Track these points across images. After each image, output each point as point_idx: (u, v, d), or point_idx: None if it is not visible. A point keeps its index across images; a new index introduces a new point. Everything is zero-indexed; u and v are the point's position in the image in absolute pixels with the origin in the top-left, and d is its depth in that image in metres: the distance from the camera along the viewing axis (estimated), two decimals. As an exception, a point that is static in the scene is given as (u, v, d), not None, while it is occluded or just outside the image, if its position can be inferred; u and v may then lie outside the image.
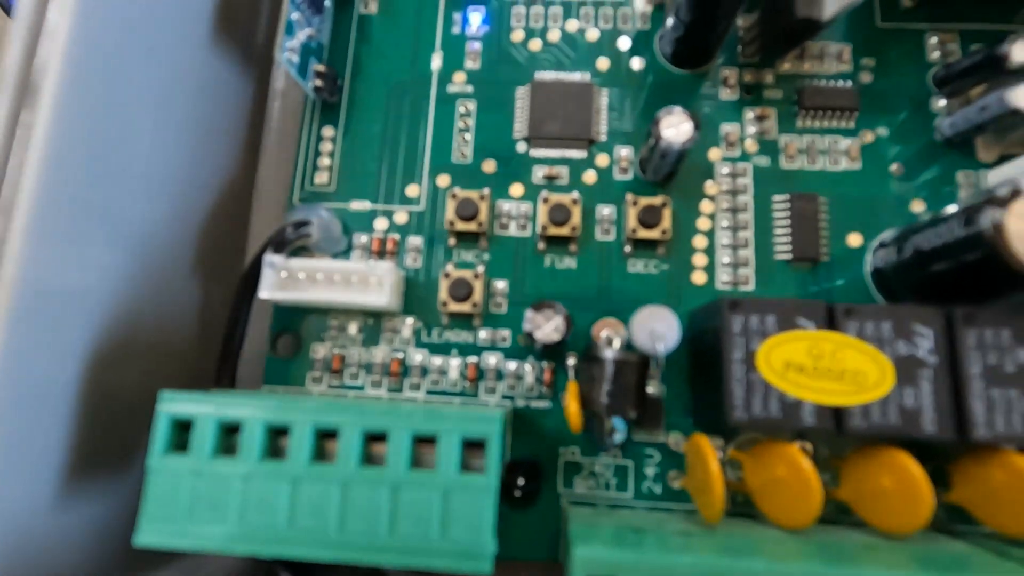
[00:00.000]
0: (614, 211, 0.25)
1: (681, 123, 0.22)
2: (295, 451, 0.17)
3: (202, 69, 0.25)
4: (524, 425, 0.23)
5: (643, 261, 0.24)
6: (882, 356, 0.19)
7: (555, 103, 0.26)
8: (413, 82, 0.27)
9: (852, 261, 0.24)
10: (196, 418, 0.17)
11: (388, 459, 0.17)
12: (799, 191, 0.25)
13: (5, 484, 0.17)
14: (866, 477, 0.20)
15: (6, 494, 0.17)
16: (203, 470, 0.17)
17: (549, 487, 0.23)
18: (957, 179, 0.24)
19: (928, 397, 0.19)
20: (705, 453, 0.19)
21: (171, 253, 0.24)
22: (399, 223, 0.25)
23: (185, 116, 0.24)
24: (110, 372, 0.21)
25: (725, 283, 0.24)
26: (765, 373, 0.19)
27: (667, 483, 0.23)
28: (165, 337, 0.23)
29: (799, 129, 0.25)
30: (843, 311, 0.19)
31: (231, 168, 0.27)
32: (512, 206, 0.25)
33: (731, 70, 0.26)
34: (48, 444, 0.18)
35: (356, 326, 0.25)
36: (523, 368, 0.24)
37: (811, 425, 0.19)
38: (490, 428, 0.17)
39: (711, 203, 0.25)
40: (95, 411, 0.20)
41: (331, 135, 0.27)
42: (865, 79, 0.25)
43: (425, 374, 0.24)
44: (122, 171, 0.21)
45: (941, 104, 0.25)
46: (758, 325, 0.19)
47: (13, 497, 0.17)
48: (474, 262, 0.25)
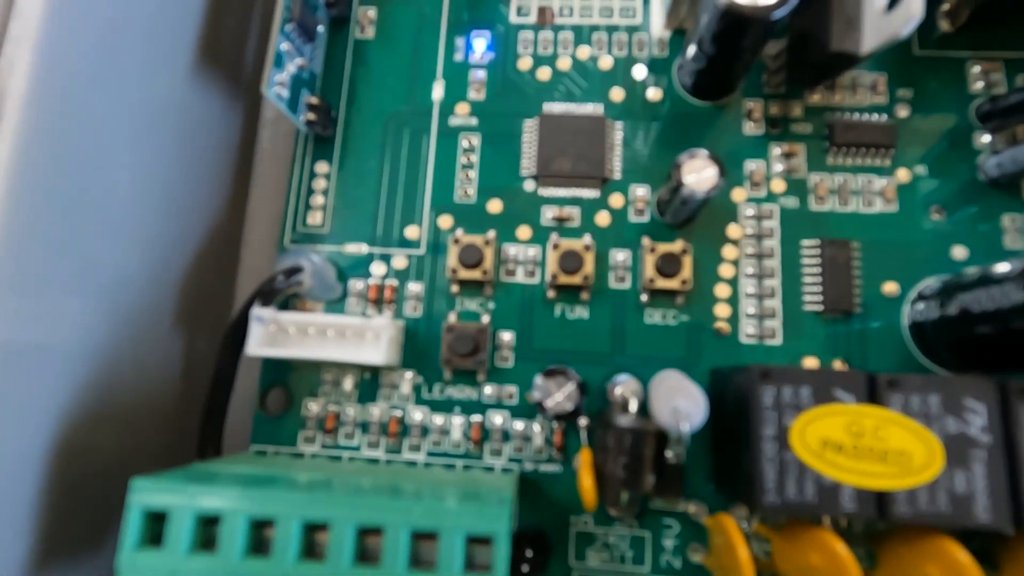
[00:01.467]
0: (629, 256, 0.23)
1: (705, 168, 0.20)
2: (281, 547, 0.15)
3: (185, 101, 0.23)
4: (532, 491, 0.22)
5: (661, 311, 0.23)
6: (930, 434, 0.17)
7: (565, 138, 0.24)
8: (413, 113, 0.25)
9: (888, 312, 0.22)
10: (171, 510, 0.16)
11: (384, 558, 0.15)
12: (830, 236, 0.23)
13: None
14: (908, 564, 0.18)
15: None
16: (179, 568, 0.15)
17: (559, 559, 0.21)
18: (1003, 223, 0.22)
19: (982, 481, 0.17)
20: (733, 539, 0.17)
21: (152, 302, 0.22)
22: (398, 268, 0.24)
23: (165, 152, 0.22)
24: (83, 436, 0.19)
25: (750, 336, 0.22)
26: (800, 452, 0.17)
27: (687, 556, 0.21)
28: (145, 395, 0.22)
29: (830, 167, 0.23)
30: (886, 382, 0.18)
31: (218, 208, 0.25)
32: (519, 250, 0.23)
33: (756, 102, 0.24)
34: (15, 525, 0.16)
35: (351, 381, 0.23)
36: (531, 429, 0.22)
37: (851, 511, 0.17)
38: (498, 525, 0.15)
39: (735, 248, 0.23)
40: (66, 482, 0.18)
41: (325, 171, 0.25)
42: (902, 113, 0.23)
43: (426, 434, 0.22)
44: (96, 213, 0.19)
45: (985, 140, 0.23)
46: (792, 397, 0.18)
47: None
48: (478, 311, 0.23)
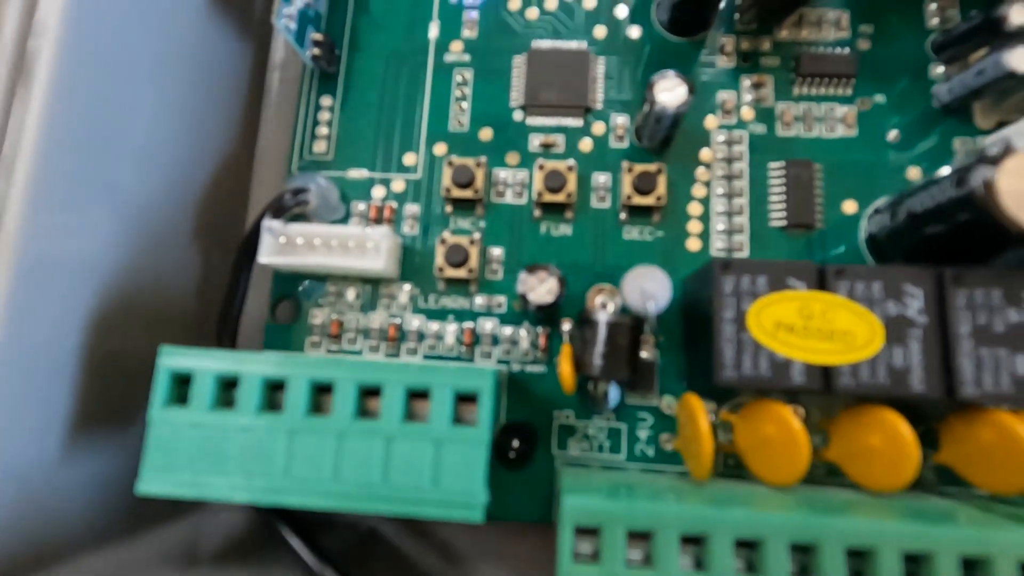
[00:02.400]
0: (610, 179, 0.25)
1: (675, 87, 0.22)
2: (292, 404, 0.18)
3: (200, 38, 0.25)
4: (519, 390, 0.24)
5: (638, 228, 0.25)
6: (872, 316, 0.19)
7: (552, 71, 0.26)
8: (410, 52, 0.27)
9: (847, 228, 0.24)
10: (195, 372, 0.18)
11: (382, 412, 0.17)
12: (795, 158, 0.25)
13: (12, 439, 0.17)
14: (854, 436, 0.20)
15: (13, 449, 0.17)
16: (202, 422, 0.18)
17: (544, 450, 0.23)
18: (954, 146, 0.24)
19: (917, 356, 0.19)
20: (695, 412, 0.20)
21: (171, 221, 0.24)
22: (396, 191, 0.26)
23: (183, 85, 0.24)
24: (112, 335, 0.21)
25: (720, 250, 0.24)
26: (755, 333, 0.19)
27: (660, 445, 0.23)
28: (166, 302, 0.24)
29: (796, 96, 0.25)
30: (834, 272, 0.20)
31: (230, 137, 0.27)
32: (508, 174, 0.25)
33: (728, 37, 0.26)
34: (52, 401, 0.18)
35: (354, 292, 0.25)
36: (518, 333, 0.24)
37: (800, 384, 0.19)
38: (482, 382, 0.17)
39: (706, 170, 0.25)
40: (98, 371, 0.20)
41: (329, 104, 0.27)
42: (863, 46, 0.25)
43: (422, 339, 0.24)
44: (121, 140, 0.21)
45: (939, 71, 0.25)
46: (749, 286, 0.20)
47: (20, 451, 0.17)
48: (470, 229, 0.25)
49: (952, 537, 0.15)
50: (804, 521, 0.16)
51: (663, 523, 0.16)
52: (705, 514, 0.16)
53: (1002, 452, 0.18)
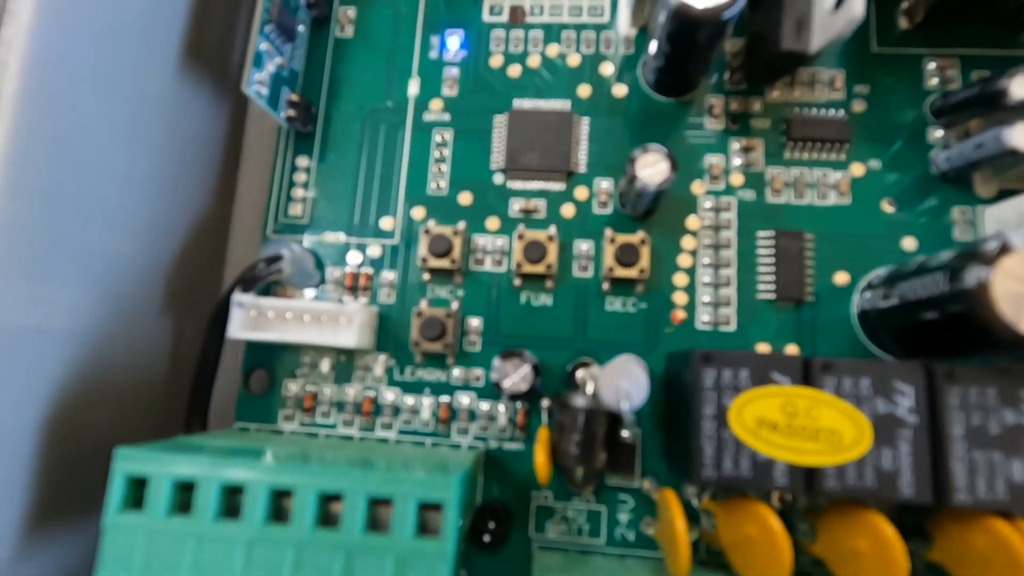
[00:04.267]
0: (592, 247, 0.24)
1: (657, 163, 0.21)
2: (249, 511, 0.17)
3: (173, 99, 0.24)
4: (496, 468, 0.23)
5: (621, 299, 0.24)
6: (860, 415, 0.18)
7: (533, 133, 0.25)
8: (389, 110, 0.26)
9: (838, 301, 0.23)
10: (151, 476, 0.17)
11: (343, 522, 0.17)
12: (785, 227, 0.24)
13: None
14: (841, 537, 0.19)
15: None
16: (158, 529, 0.17)
17: (520, 531, 0.23)
18: (952, 215, 0.23)
19: (907, 459, 0.18)
20: (672, 511, 0.19)
21: (142, 288, 0.24)
22: (373, 256, 0.25)
23: (157, 146, 0.24)
24: (77, 414, 0.20)
25: (705, 323, 0.23)
26: (736, 430, 0.18)
27: (640, 530, 0.22)
28: (136, 376, 0.23)
29: (787, 161, 0.24)
30: (820, 366, 0.19)
31: (206, 198, 0.27)
32: (488, 240, 0.25)
33: (717, 98, 0.25)
34: (9, 494, 0.18)
35: (328, 363, 0.24)
36: (496, 409, 0.23)
37: (783, 485, 0.18)
38: (448, 493, 0.17)
39: (693, 239, 0.24)
40: (59, 453, 0.20)
41: (305, 165, 0.26)
42: (858, 108, 0.24)
43: (397, 413, 0.24)
44: (90, 204, 0.21)
45: (938, 135, 0.24)
46: (731, 379, 0.19)
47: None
48: (448, 299, 0.24)
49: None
50: (781, 651, 0.15)
51: (633, 649, 0.15)
52: (677, 641, 0.15)
53: (995, 559, 0.18)
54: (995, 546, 0.17)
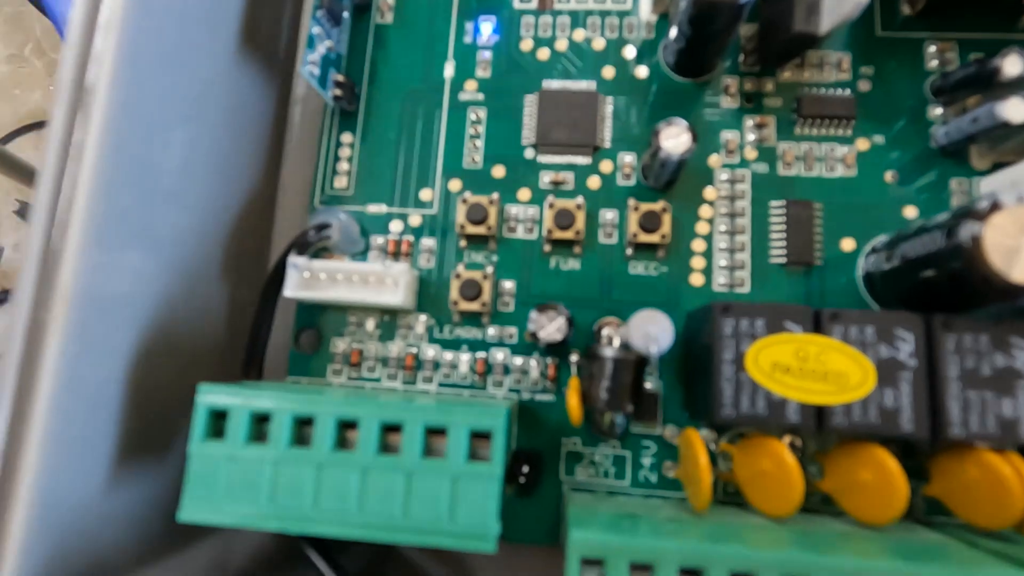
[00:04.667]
0: (617, 215, 0.26)
1: (680, 135, 0.23)
2: (319, 440, 0.19)
3: (228, 83, 0.26)
4: (529, 417, 0.25)
5: (643, 263, 0.26)
6: (865, 359, 0.20)
7: (562, 111, 0.27)
8: (426, 90, 0.28)
9: (845, 265, 0.25)
10: (231, 409, 0.19)
11: (403, 448, 0.19)
12: (795, 197, 0.26)
13: (63, 472, 0.18)
14: (847, 471, 0.21)
15: (63, 480, 0.19)
16: (237, 455, 0.19)
17: (551, 475, 0.25)
18: (951, 186, 0.25)
19: (907, 398, 0.20)
20: (695, 447, 0.21)
21: (201, 258, 0.26)
22: (413, 225, 0.27)
23: (213, 128, 0.26)
24: (151, 369, 0.23)
25: (722, 285, 0.25)
26: (753, 373, 0.20)
27: (662, 472, 0.24)
28: (198, 335, 0.25)
29: (797, 137, 0.26)
30: (829, 316, 0.21)
31: (255, 175, 0.29)
32: (520, 210, 0.27)
33: (733, 79, 0.27)
34: (99, 435, 0.20)
35: (373, 322, 0.26)
36: (528, 364, 0.25)
37: (795, 422, 0.20)
38: (496, 421, 0.19)
39: (710, 208, 0.26)
40: (138, 403, 0.22)
41: (349, 141, 0.28)
42: (863, 87, 0.26)
43: (437, 368, 0.26)
44: (156, 183, 0.23)
45: (937, 112, 0.26)
46: (748, 328, 0.21)
47: (69, 482, 0.19)
48: (483, 263, 0.26)
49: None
50: (795, 558, 0.17)
51: (663, 557, 0.17)
52: (702, 549, 0.17)
53: (987, 490, 0.19)
54: (986, 475, 0.19)
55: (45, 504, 0.18)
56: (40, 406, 0.18)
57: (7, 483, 0.17)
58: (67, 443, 0.19)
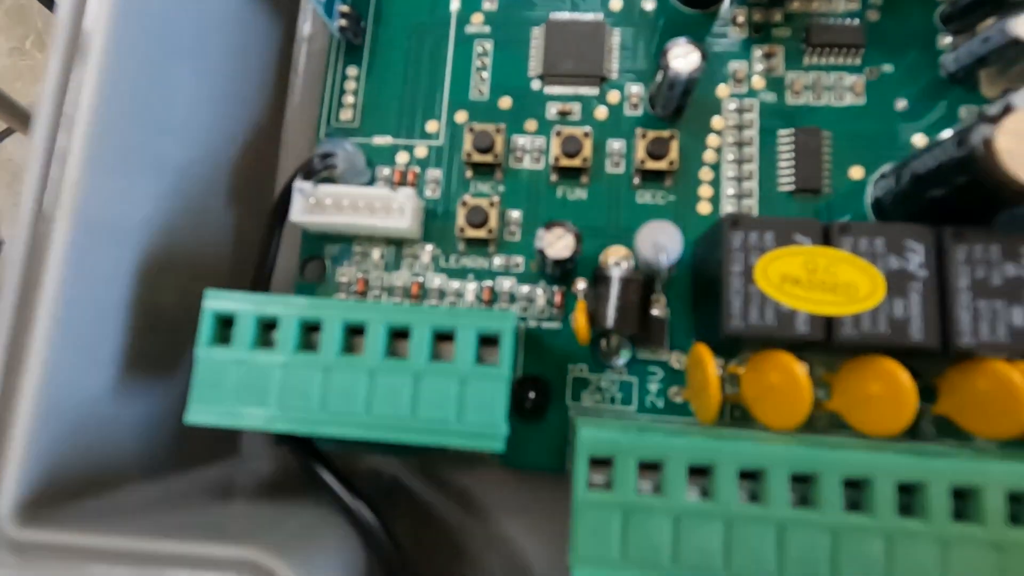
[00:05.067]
0: (624, 145, 0.26)
1: (688, 53, 0.23)
2: (326, 344, 0.19)
3: (234, 13, 0.26)
4: (535, 344, 0.25)
5: (651, 192, 0.26)
6: (874, 269, 0.20)
7: (569, 42, 0.27)
8: (433, 23, 0.28)
9: (854, 193, 0.25)
10: (238, 313, 0.19)
11: (410, 351, 0.19)
12: (804, 126, 0.25)
13: (69, 373, 0.18)
14: (855, 385, 0.21)
15: (71, 382, 0.18)
16: (244, 359, 0.19)
17: (558, 402, 0.25)
18: (960, 114, 0.25)
19: (917, 308, 0.20)
20: (704, 359, 0.21)
21: (208, 186, 0.26)
22: (419, 157, 0.27)
23: (219, 58, 0.25)
24: (157, 288, 0.22)
25: (730, 213, 0.25)
26: (762, 285, 0.20)
27: (669, 398, 0.24)
28: (204, 260, 0.25)
29: (806, 66, 0.26)
30: (838, 228, 0.20)
31: (261, 106, 0.29)
32: (527, 140, 0.27)
33: (741, 9, 0.27)
34: (105, 343, 0.20)
35: (379, 252, 0.26)
36: (535, 292, 0.25)
37: (804, 333, 0.20)
38: (504, 324, 0.19)
39: (718, 137, 0.26)
40: (144, 320, 0.22)
41: (355, 74, 0.28)
42: (872, 17, 0.26)
43: (443, 297, 0.26)
44: (163, 111, 0.23)
45: (947, 41, 0.25)
46: (757, 241, 0.21)
47: (76, 384, 0.19)
48: (490, 193, 0.26)
49: (945, 468, 0.17)
50: (804, 453, 0.17)
51: (672, 454, 0.17)
52: (711, 446, 0.17)
53: (997, 399, 0.19)
54: (996, 385, 0.19)
55: (50, 400, 0.18)
56: (43, 314, 0.18)
57: (11, 379, 0.17)
58: (72, 345, 0.18)
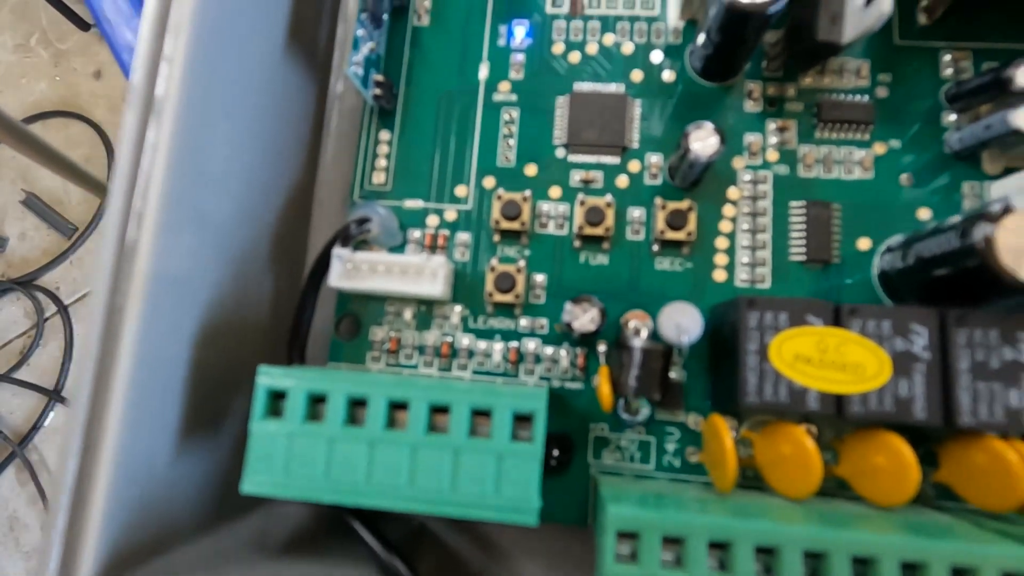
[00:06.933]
0: (644, 213, 0.28)
1: (708, 137, 0.24)
2: (372, 419, 0.20)
3: (273, 81, 0.27)
4: (559, 404, 0.26)
5: (669, 259, 0.27)
6: (881, 351, 0.21)
7: (592, 112, 0.28)
8: (462, 91, 0.29)
9: (861, 263, 0.26)
10: (289, 390, 0.21)
11: (451, 428, 0.20)
12: (815, 198, 0.27)
13: (141, 439, 0.20)
14: (862, 456, 0.22)
15: (141, 448, 0.20)
16: (295, 432, 0.20)
17: (580, 458, 0.26)
18: (963, 189, 0.26)
19: (920, 388, 0.21)
20: (720, 431, 0.22)
21: (247, 244, 0.27)
22: (449, 220, 0.28)
23: (258, 123, 0.27)
24: (207, 348, 0.24)
25: (743, 281, 0.27)
26: (776, 363, 0.22)
27: (685, 458, 0.26)
28: (245, 318, 0.27)
29: (817, 140, 0.27)
30: (848, 311, 0.22)
31: (295, 167, 0.30)
32: (551, 207, 0.28)
33: (756, 83, 0.28)
34: (169, 408, 0.21)
35: (410, 312, 0.28)
36: (559, 353, 0.27)
37: (815, 409, 0.21)
38: (537, 404, 0.20)
39: (733, 207, 0.27)
40: (198, 381, 0.23)
41: (387, 139, 0.29)
42: (881, 94, 0.27)
43: (471, 356, 0.27)
44: (209, 174, 0.24)
45: (951, 119, 0.27)
46: (772, 321, 0.22)
47: (146, 450, 0.20)
48: (516, 257, 0.28)
49: (945, 549, 0.18)
50: (816, 532, 0.18)
51: (694, 531, 0.19)
52: (730, 524, 0.19)
53: (993, 474, 0.21)
54: (992, 461, 0.21)
55: (124, 471, 0.19)
56: (119, 383, 0.19)
57: (91, 452, 0.19)
58: (144, 410, 0.20)
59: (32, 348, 1.14)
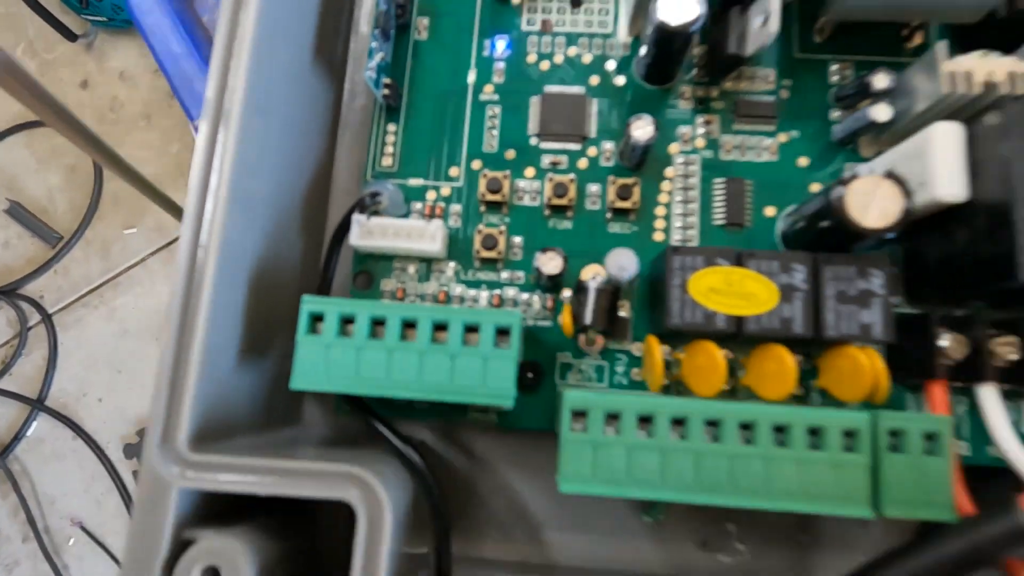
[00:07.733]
0: (600, 188, 0.35)
1: (646, 126, 0.31)
2: (389, 334, 0.27)
3: (301, 85, 0.34)
4: (532, 338, 0.33)
5: (619, 224, 0.34)
6: (771, 284, 0.29)
7: (559, 109, 0.35)
8: (454, 92, 0.36)
9: (767, 226, 0.34)
10: (326, 312, 0.27)
11: (448, 339, 0.27)
12: (733, 176, 0.34)
13: (215, 356, 0.26)
14: (758, 365, 0.30)
15: (216, 362, 0.26)
16: (331, 344, 0.27)
17: (548, 380, 0.33)
18: (845, 170, 0.34)
19: (799, 310, 0.28)
20: (652, 344, 0.29)
21: (281, 217, 0.34)
22: (444, 195, 0.35)
23: (290, 119, 0.34)
24: (255, 295, 0.30)
25: (677, 240, 0.34)
26: (694, 294, 0.29)
27: (631, 377, 0.33)
28: (280, 273, 0.33)
29: (735, 131, 0.35)
30: (747, 255, 0.29)
31: (318, 154, 0.37)
32: (526, 183, 0.35)
33: (688, 87, 0.35)
34: (233, 334, 0.28)
35: (414, 267, 0.34)
36: (532, 299, 0.34)
37: (723, 328, 0.29)
38: (513, 320, 0.27)
39: (669, 183, 0.34)
40: (250, 319, 0.30)
41: (394, 130, 0.36)
42: (784, 95, 0.35)
43: (463, 302, 0.34)
44: (256, 163, 0.31)
45: (837, 115, 0.35)
46: (691, 263, 0.29)
47: (219, 364, 0.27)
48: (498, 223, 0.35)
49: (802, 415, 0.25)
50: (714, 406, 0.26)
51: (626, 408, 0.26)
52: (652, 401, 0.26)
53: (850, 373, 0.28)
54: (850, 363, 0.28)
55: (205, 371, 0.26)
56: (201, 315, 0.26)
57: (182, 356, 0.25)
58: (216, 336, 0.26)
59: (15, 357, 1.09)
